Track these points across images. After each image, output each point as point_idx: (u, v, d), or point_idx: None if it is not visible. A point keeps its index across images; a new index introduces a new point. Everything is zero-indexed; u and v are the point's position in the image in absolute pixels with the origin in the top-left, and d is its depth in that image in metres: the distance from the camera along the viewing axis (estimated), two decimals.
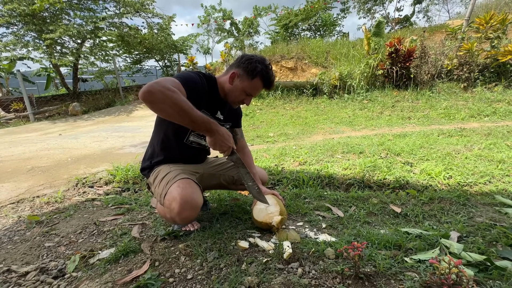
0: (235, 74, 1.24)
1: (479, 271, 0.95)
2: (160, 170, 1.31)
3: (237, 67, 1.25)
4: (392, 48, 6.21)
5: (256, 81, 1.23)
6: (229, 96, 1.29)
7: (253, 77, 1.22)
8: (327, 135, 4.25)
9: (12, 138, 5.49)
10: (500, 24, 5.77)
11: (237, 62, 1.26)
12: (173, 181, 1.20)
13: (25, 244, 1.39)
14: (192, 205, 1.15)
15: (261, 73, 1.22)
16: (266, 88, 1.29)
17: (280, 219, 1.25)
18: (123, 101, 9.80)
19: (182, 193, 1.13)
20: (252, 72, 1.22)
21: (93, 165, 3.01)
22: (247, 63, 1.22)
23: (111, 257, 1.17)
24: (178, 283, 1.00)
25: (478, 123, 4.21)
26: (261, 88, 1.27)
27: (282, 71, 8.82)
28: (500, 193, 1.76)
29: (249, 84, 1.24)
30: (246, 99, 1.29)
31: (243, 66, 1.23)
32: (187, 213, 1.15)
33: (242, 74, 1.23)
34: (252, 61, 1.22)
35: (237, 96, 1.27)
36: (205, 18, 15.32)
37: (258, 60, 1.23)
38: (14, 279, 1.09)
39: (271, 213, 1.29)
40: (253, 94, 1.27)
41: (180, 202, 1.12)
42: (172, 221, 1.25)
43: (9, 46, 8.00)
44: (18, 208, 1.96)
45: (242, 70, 1.23)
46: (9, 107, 8.72)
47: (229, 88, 1.27)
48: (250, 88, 1.25)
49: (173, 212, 1.15)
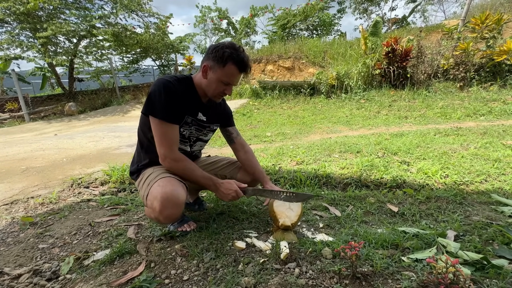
0: (206, 67, 1.20)
1: (476, 270, 0.95)
2: (144, 173, 1.30)
3: (207, 60, 1.20)
4: (389, 47, 6.23)
5: (229, 67, 1.17)
6: (207, 91, 1.25)
7: (225, 64, 1.16)
8: (324, 134, 4.25)
9: (6, 138, 5.43)
10: (495, 24, 5.82)
11: (206, 54, 1.22)
12: (154, 180, 1.19)
13: (18, 245, 1.37)
14: (173, 203, 1.13)
15: (231, 57, 1.15)
16: (243, 71, 1.21)
17: (295, 221, 1.24)
18: (119, 101, 9.73)
19: (162, 191, 1.12)
20: (221, 58, 1.16)
21: (89, 166, 2.98)
22: (215, 51, 1.17)
23: (106, 259, 1.16)
24: (174, 284, 0.99)
25: (474, 122, 4.24)
26: (236, 73, 1.20)
27: (279, 71, 8.83)
28: (496, 192, 1.77)
29: (222, 72, 1.18)
30: (226, 89, 1.23)
31: (211, 56, 1.18)
32: (169, 211, 1.14)
33: (213, 64, 1.19)
34: (218, 48, 1.17)
35: (215, 89, 1.22)
36: (201, 18, 15.25)
37: (225, 45, 1.17)
38: (7, 282, 1.07)
39: (292, 210, 1.27)
40: (231, 81, 1.21)
41: (160, 200, 1.11)
42: (157, 220, 1.24)
43: (3, 45, 7.91)
44: (12, 209, 1.93)
45: (212, 60, 1.18)
46: (4, 107, 8.63)
47: (205, 83, 1.23)
48: (225, 76, 1.19)
49: (156, 211, 1.14)
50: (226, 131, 1.50)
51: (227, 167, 1.55)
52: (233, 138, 1.50)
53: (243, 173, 1.52)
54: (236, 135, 1.51)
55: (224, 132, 1.51)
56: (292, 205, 1.29)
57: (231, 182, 1.27)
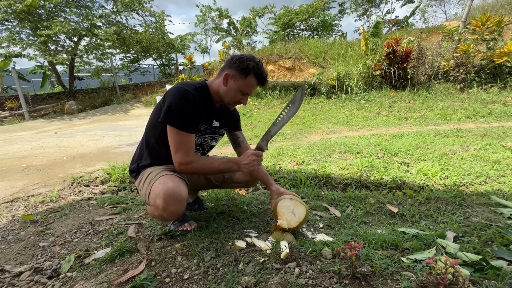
0: (228, 75, 1.25)
1: (475, 271, 0.95)
2: (144, 173, 1.32)
3: (229, 68, 1.25)
4: (389, 48, 6.24)
5: (250, 79, 1.24)
6: (225, 98, 1.29)
7: (247, 75, 1.23)
8: (324, 135, 4.26)
9: (6, 137, 5.43)
10: (496, 26, 5.82)
11: (228, 63, 1.27)
12: (155, 179, 1.20)
13: (19, 243, 1.38)
14: (176, 199, 1.15)
15: (254, 70, 1.23)
16: (261, 85, 1.29)
17: (294, 226, 1.24)
18: (120, 100, 9.73)
19: (164, 188, 1.14)
20: (245, 70, 1.22)
21: (89, 164, 2.99)
22: (238, 62, 1.23)
23: (107, 257, 1.16)
24: (175, 283, 0.99)
25: (474, 123, 4.25)
26: (256, 85, 1.28)
27: (280, 71, 8.82)
28: (495, 193, 1.77)
29: (244, 82, 1.24)
30: (242, 98, 1.29)
31: (235, 66, 1.24)
32: (172, 208, 1.16)
33: (235, 74, 1.24)
34: (243, 60, 1.23)
35: (233, 97, 1.28)
36: (202, 17, 15.25)
37: (248, 58, 1.24)
38: (8, 279, 1.08)
39: (294, 216, 1.26)
40: (249, 92, 1.28)
41: (163, 197, 1.13)
42: (161, 218, 1.26)
43: (3, 43, 7.90)
44: (13, 207, 1.93)
45: (235, 70, 1.24)
46: (4, 105, 8.62)
47: (224, 90, 1.27)
48: (246, 86, 1.25)
49: (159, 209, 1.16)
50: (233, 135, 1.52)
51: None
52: (239, 142, 1.51)
53: (241, 173, 1.53)
54: (242, 139, 1.53)
55: (231, 136, 1.53)
56: (296, 210, 1.28)
57: (246, 153, 1.29)
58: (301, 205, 1.29)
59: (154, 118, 1.31)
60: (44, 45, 8.04)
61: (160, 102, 1.25)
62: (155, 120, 1.28)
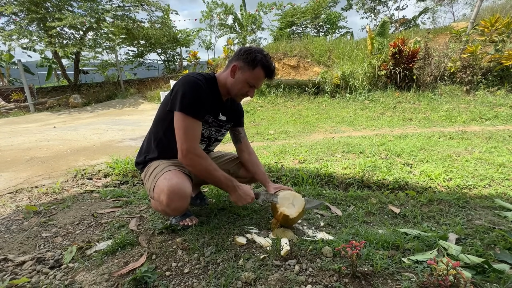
0: (236, 67, 1.24)
1: (477, 274, 0.95)
2: (150, 166, 1.32)
3: (237, 60, 1.25)
4: (395, 48, 6.17)
5: (258, 71, 1.23)
6: (232, 90, 1.28)
7: (254, 67, 1.22)
8: (327, 134, 4.24)
9: (12, 128, 5.48)
10: (505, 27, 5.73)
11: (236, 55, 1.26)
12: (160, 174, 1.20)
13: (22, 233, 1.39)
14: (180, 195, 1.15)
15: (261, 62, 1.22)
16: (268, 77, 1.28)
17: (294, 217, 1.25)
18: (124, 94, 9.76)
19: (168, 184, 1.14)
20: (253, 62, 1.21)
21: (93, 157, 3.01)
22: (246, 54, 1.22)
23: (108, 249, 1.17)
24: (175, 276, 1.00)
25: (479, 126, 4.20)
26: (263, 78, 1.26)
27: (284, 69, 8.78)
28: (499, 197, 1.76)
29: (251, 74, 1.23)
30: (249, 91, 1.28)
31: (242, 57, 1.23)
32: (176, 204, 1.16)
33: (243, 65, 1.23)
34: (251, 52, 1.22)
35: (241, 89, 1.27)
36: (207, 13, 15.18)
37: (256, 50, 1.23)
38: (11, 268, 1.09)
39: (293, 206, 1.28)
40: (256, 84, 1.27)
41: (167, 193, 1.13)
42: (164, 213, 1.27)
43: (13, 36, 7.93)
44: (16, 198, 1.96)
45: (243, 62, 1.23)
46: (10, 97, 8.70)
47: (231, 82, 1.26)
48: (253, 78, 1.24)
49: (163, 204, 1.16)
50: (235, 130, 1.52)
51: (230, 162, 1.57)
52: (240, 138, 1.51)
53: (244, 170, 1.54)
54: (243, 135, 1.53)
55: (233, 131, 1.52)
56: (295, 201, 1.30)
57: (248, 187, 1.30)
58: (299, 196, 1.33)
59: (161, 111, 1.31)
60: (53, 37, 8.05)
61: (168, 95, 1.25)
62: (163, 113, 1.28)
